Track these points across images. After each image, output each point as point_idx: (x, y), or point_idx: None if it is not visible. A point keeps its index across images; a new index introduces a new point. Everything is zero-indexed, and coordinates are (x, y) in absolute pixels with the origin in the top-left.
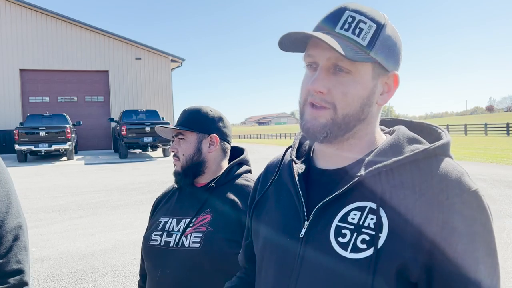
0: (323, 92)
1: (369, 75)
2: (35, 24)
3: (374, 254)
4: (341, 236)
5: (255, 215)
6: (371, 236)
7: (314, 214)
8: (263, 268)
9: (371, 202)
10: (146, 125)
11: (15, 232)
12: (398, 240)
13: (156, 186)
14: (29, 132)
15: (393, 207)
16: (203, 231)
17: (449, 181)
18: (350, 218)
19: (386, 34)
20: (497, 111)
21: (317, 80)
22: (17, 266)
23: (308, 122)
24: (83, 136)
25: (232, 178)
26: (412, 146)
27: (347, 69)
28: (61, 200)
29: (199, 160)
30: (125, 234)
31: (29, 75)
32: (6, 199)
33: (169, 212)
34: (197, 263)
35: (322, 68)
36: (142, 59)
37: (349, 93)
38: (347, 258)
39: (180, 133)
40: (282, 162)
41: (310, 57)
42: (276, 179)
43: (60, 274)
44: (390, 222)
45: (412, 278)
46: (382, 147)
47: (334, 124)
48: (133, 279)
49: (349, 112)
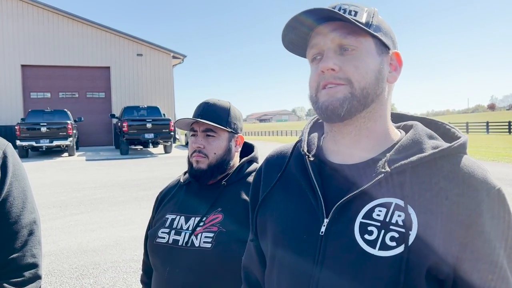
0: (335, 70)
1: (374, 50)
2: (37, 19)
3: (406, 251)
4: (367, 233)
5: (261, 213)
6: (400, 233)
7: (335, 211)
8: (274, 268)
9: (397, 199)
10: (147, 122)
11: (30, 227)
12: (428, 238)
13: (158, 183)
14: (30, 127)
15: (421, 204)
16: (215, 231)
17: (476, 179)
18: (375, 215)
19: (379, 17)
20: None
21: (328, 58)
22: (32, 260)
23: (326, 101)
24: (84, 132)
25: (243, 176)
26: (432, 143)
27: (353, 46)
28: (62, 196)
29: (228, 159)
30: (126, 230)
31: (31, 71)
32: (22, 195)
33: (176, 209)
34: (207, 264)
35: (329, 49)
36: (144, 56)
37: (360, 66)
38: (376, 256)
39: (210, 129)
40: (291, 157)
41: (314, 48)
42: (283, 174)
43: (61, 270)
44: (419, 219)
45: (440, 276)
46: (404, 143)
47: (353, 97)
48: (134, 275)
49: (366, 84)
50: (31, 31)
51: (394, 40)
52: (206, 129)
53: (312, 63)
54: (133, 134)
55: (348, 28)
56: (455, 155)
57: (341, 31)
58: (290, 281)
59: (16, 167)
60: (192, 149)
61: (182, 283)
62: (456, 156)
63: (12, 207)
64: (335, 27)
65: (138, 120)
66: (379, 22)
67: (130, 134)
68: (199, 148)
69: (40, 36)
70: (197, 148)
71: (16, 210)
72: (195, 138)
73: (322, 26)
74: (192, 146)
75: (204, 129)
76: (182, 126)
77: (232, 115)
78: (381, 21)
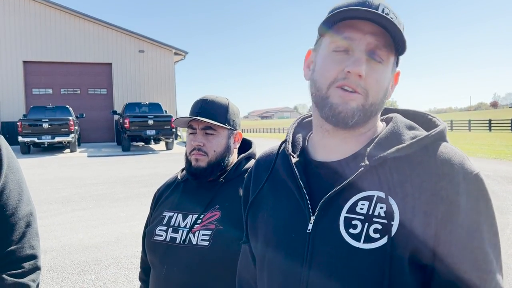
0: (362, 76)
1: (391, 68)
2: (39, 16)
3: (389, 242)
4: (351, 227)
5: (251, 215)
6: (383, 224)
7: (320, 208)
8: (265, 269)
9: (378, 191)
10: (149, 118)
11: (27, 218)
12: (410, 227)
13: (159, 179)
14: (32, 124)
15: (401, 194)
16: (212, 228)
17: (453, 165)
18: (359, 209)
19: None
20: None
21: (361, 63)
22: (31, 252)
23: (340, 106)
24: (86, 128)
25: (241, 173)
26: (411, 133)
27: (381, 59)
28: (64, 192)
29: (227, 156)
30: (128, 227)
31: (33, 67)
32: (18, 187)
33: (173, 206)
34: (205, 261)
35: (362, 52)
36: (145, 52)
37: (380, 82)
38: (361, 249)
39: (210, 127)
40: (277, 157)
41: (346, 40)
42: (271, 175)
43: (63, 266)
44: (400, 209)
45: (423, 260)
46: (382, 135)
47: (364, 111)
48: (135, 271)
49: (376, 101)
50: (33, 28)
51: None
52: (205, 126)
53: (333, 53)
54: (135, 130)
55: (386, 38)
56: (434, 143)
57: (380, 39)
58: (280, 281)
59: (11, 160)
60: (191, 147)
61: (180, 280)
62: (435, 144)
63: (9, 199)
64: (376, 32)
65: (139, 117)
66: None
67: (132, 130)
68: (199, 146)
69: (42, 33)
70: (196, 146)
71: (12, 202)
72: (194, 136)
73: (364, 23)
74: (191, 144)
75: (203, 127)
76: (181, 124)
77: (231, 111)
78: None
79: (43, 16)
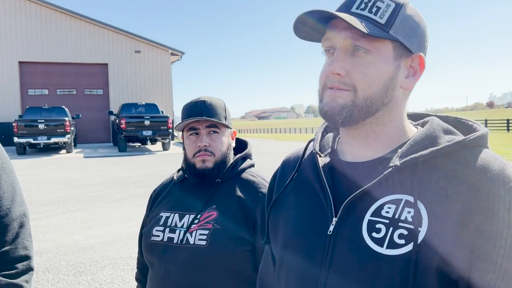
0: (341, 75)
1: (390, 55)
2: (34, 16)
3: (414, 249)
4: (375, 231)
5: (273, 214)
6: (409, 230)
7: (343, 210)
8: (283, 268)
9: (407, 195)
10: (146, 119)
11: (20, 219)
12: (439, 236)
13: (155, 180)
14: (28, 124)
15: (432, 200)
16: (209, 228)
17: (492, 172)
18: (384, 212)
19: (407, 13)
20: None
21: (334, 61)
22: (24, 252)
23: (326, 104)
24: (82, 129)
25: (238, 172)
26: (448, 137)
27: (366, 49)
28: (60, 193)
29: (230, 154)
30: (124, 227)
31: (28, 68)
32: (11, 188)
33: (170, 207)
34: (202, 261)
35: (340, 49)
36: (142, 52)
37: (368, 73)
38: (383, 255)
39: (214, 125)
40: (304, 157)
41: (327, 41)
42: (297, 175)
43: (59, 267)
44: (430, 215)
45: (452, 276)
46: (416, 137)
47: (355, 106)
48: (131, 272)
49: (371, 94)
50: (29, 28)
51: (421, 40)
52: (210, 126)
53: (326, 55)
54: (131, 131)
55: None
56: (472, 148)
57: (354, 31)
58: (298, 283)
59: (4, 161)
60: (195, 149)
61: (178, 280)
62: (473, 149)
63: (2, 200)
64: (349, 25)
65: (136, 117)
66: (405, 19)
67: (128, 131)
68: (205, 147)
69: (38, 33)
70: (203, 147)
71: (6, 203)
72: (197, 137)
73: (338, 20)
74: (196, 145)
75: (207, 127)
76: (181, 128)
77: (227, 110)
78: (408, 18)
79: (39, 16)
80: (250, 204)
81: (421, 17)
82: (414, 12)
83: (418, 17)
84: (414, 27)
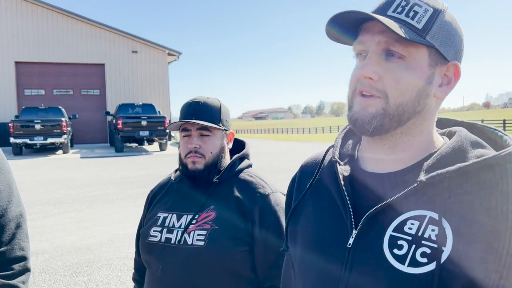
0: (373, 79)
1: (425, 62)
2: (31, 16)
3: (438, 269)
4: (396, 247)
5: (292, 222)
6: (432, 249)
7: (364, 222)
8: (300, 280)
9: (431, 212)
10: (142, 119)
11: (17, 220)
12: (464, 257)
13: (152, 180)
14: (24, 125)
15: (458, 219)
16: (207, 228)
17: None
18: (407, 228)
19: (445, 20)
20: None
21: (367, 65)
22: (21, 253)
23: (356, 113)
24: (78, 129)
25: (235, 173)
26: (477, 151)
27: (400, 54)
28: (57, 194)
29: (222, 157)
30: (121, 228)
31: (25, 68)
32: (8, 188)
33: (168, 207)
34: (200, 261)
35: (373, 53)
36: (139, 52)
37: (402, 80)
38: (404, 273)
39: (205, 128)
40: (323, 164)
41: (359, 44)
42: (315, 182)
43: (55, 268)
44: (455, 234)
45: None
46: (443, 151)
47: (386, 115)
48: (128, 273)
49: (403, 101)
50: (25, 28)
51: (458, 48)
52: (200, 128)
53: (357, 58)
54: (128, 131)
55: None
56: (503, 166)
57: (389, 35)
58: None
59: (0, 161)
60: (186, 150)
61: (175, 280)
62: (504, 167)
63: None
64: (384, 29)
65: (133, 118)
66: (443, 25)
67: (125, 131)
68: (195, 149)
69: (34, 33)
70: (193, 149)
71: (2, 204)
72: (189, 138)
73: (372, 23)
74: (187, 146)
75: (198, 129)
76: (174, 128)
77: (223, 112)
78: (445, 25)
79: (35, 16)
80: (248, 204)
81: (458, 24)
82: (452, 19)
83: (456, 25)
84: (451, 34)
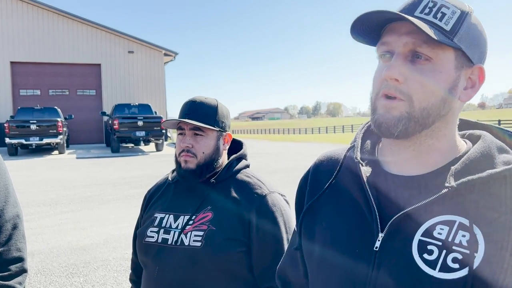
0: (399, 80)
1: (452, 65)
2: (26, 16)
3: (470, 275)
4: (426, 252)
5: (306, 222)
6: (464, 255)
7: (391, 226)
8: (320, 279)
9: (461, 217)
10: (139, 119)
11: (14, 221)
12: (497, 262)
13: (149, 181)
14: (20, 125)
15: (489, 225)
16: (204, 229)
17: None
18: (437, 233)
19: (471, 22)
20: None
21: (393, 66)
22: (18, 254)
23: (381, 116)
24: (74, 129)
25: (232, 173)
26: (503, 157)
27: (427, 56)
28: (52, 194)
29: (216, 158)
30: (117, 229)
31: (20, 68)
32: (4, 189)
33: (165, 208)
34: (197, 262)
35: (399, 54)
36: (135, 53)
37: (428, 84)
38: (436, 278)
39: (198, 128)
40: (343, 163)
41: (384, 45)
42: (334, 182)
43: (51, 269)
44: (487, 241)
45: None
46: (471, 156)
47: (410, 118)
48: (124, 273)
49: (428, 105)
50: (21, 28)
51: (482, 51)
52: (193, 128)
53: (381, 59)
54: (124, 132)
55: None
56: None
57: (416, 37)
58: None
59: None
60: (180, 149)
61: (172, 281)
62: None
63: None
64: (412, 30)
65: (129, 118)
66: (469, 28)
67: (121, 131)
68: (187, 148)
69: (30, 33)
70: (185, 148)
71: None
72: (183, 137)
73: (398, 24)
74: (180, 145)
75: (191, 128)
76: (170, 126)
77: (220, 113)
78: (472, 27)
79: (30, 16)
80: (245, 205)
81: (483, 27)
82: (477, 21)
83: (481, 27)
84: (477, 36)
